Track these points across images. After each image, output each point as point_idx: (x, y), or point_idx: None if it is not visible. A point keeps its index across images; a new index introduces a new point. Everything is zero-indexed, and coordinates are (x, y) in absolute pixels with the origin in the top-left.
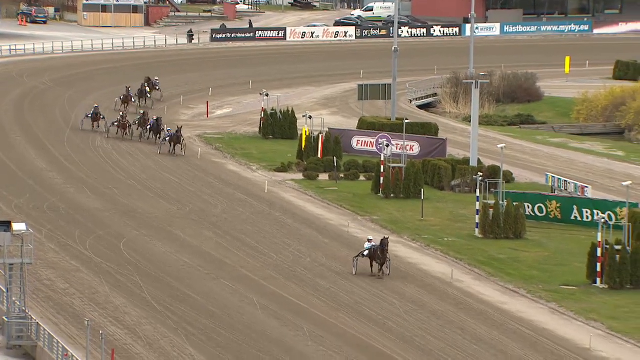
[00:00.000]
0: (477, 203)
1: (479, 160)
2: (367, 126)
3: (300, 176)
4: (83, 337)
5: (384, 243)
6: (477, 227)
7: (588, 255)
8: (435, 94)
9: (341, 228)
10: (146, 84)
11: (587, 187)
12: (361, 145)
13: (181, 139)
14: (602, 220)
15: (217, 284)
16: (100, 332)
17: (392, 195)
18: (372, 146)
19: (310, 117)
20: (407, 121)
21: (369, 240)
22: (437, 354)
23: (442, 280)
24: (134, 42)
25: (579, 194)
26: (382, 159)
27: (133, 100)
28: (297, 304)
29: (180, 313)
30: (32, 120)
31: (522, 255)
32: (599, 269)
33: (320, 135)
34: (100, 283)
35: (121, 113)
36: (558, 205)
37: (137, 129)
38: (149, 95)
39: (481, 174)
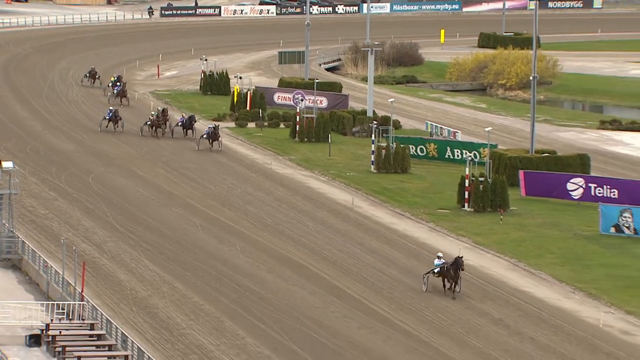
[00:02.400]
0: (373, 145)
1: (374, 112)
2: (285, 85)
3: (232, 124)
4: (59, 252)
5: (459, 263)
6: (373, 164)
7: (458, 185)
8: (339, 59)
9: (265, 165)
10: (94, 70)
11: (457, 132)
12: (281, 100)
13: (218, 136)
14: (469, 158)
15: (167, 210)
16: (74, 248)
17: (305, 140)
18: (290, 100)
19: (240, 78)
20: (317, 81)
21: (439, 257)
22: (340, 263)
23: (345, 206)
24: (98, 17)
25: (451, 137)
26: (298, 110)
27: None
28: (231, 226)
29: (137, 233)
30: (17, 80)
31: (407, 186)
32: (466, 196)
33: (249, 92)
34: (73, 209)
35: (153, 113)
36: (435, 146)
37: (151, 126)
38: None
39: (376, 122)
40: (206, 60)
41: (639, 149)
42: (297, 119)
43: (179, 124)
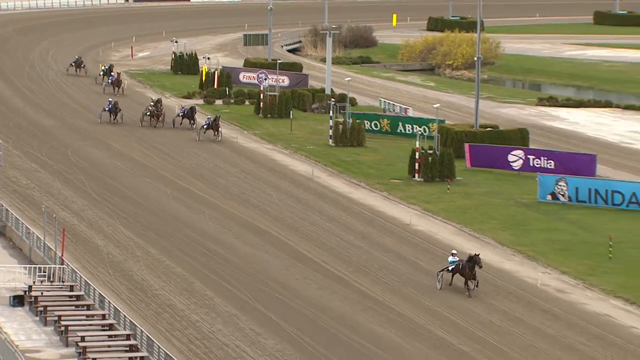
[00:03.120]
0: (330, 121)
1: (332, 90)
2: (250, 65)
3: (201, 101)
4: (41, 219)
5: (476, 260)
6: (331, 138)
7: (409, 157)
8: (300, 41)
9: (231, 139)
10: (80, 59)
11: (409, 108)
12: (246, 79)
13: (219, 127)
14: (419, 133)
15: (141, 181)
16: (54, 215)
17: (269, 116)
18: (254, 79)
19: (208, 58)
20: (279, 61)
21: (453, 255)
22: (301, 230)
23: (306, 177)
24: (76, 2)
25: (403, 113)
26: (262, 88)
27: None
28: (200, 195)
29: (113, 202)
30: (0, 60)
31: (362, 158)
32: (417, 167)
33: (216, 72)
34: (53, 180)
35: (152, 102)
36: (388, 122)
37: (147, 115)
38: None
39: (333, 99)
40: (176, 42)
41: (574, 123)
42: (261, 97)
43: (180, 114)
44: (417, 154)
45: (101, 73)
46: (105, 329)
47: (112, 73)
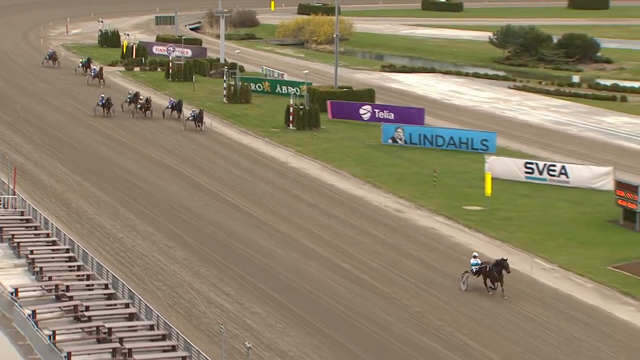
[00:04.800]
0: (224, 83)
1: (225, 59)
2: (161, 40)
3: (123, 68)
4: None
5: (504, 265)
6: (225, 97)
7: (285, 111)
8: (200, 22)
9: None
10: (54, 53)
11: (284, 74)
12: (158, 51)
13: (203, 119)
14: (293, 92)
15: (76, 130)
16: (7, 157)
17: (176, 79)
18: (164, 51)
19: (127, 35)
20: (184, 37)
21: (475, 257)
22: (201, 166)
23: (208, 128)
24: None
25: (280, 77)
26: (170, 59)
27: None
28: (123, 141)
29: (53, 145)
30: None
31: (250, 112)
32: (291, 119)
33: (134, 45)
34: (5, 129)
35: (146, 97)
36: (269, 84)
37: (129, 105)
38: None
39: (226, 67)
40: (102, 22)
41: (408, 85)
42: (170, 65)
43: (169, 106)
44: (291, 108)
45: (80, 65)
46: (49, 245)
47: (93, 67)
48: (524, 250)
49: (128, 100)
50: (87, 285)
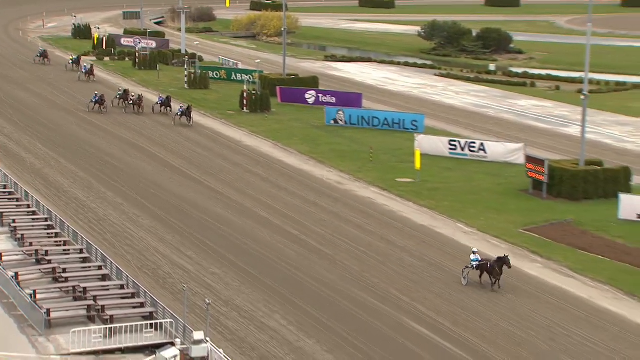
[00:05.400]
0: (185, 71)
1: (186, 50)
2: (128, 33)
3: (94, 58)
4: None
5: (505, 261)
6: (186, 84)
7: (240, 96)
8: (163, 16)
9: (116, 84)
10: (45, 51)
11: (239, 63)
12: (126, 42)
13: (190, 114)
14: (246, 79)
15: (53, 113)
16: None
17: (142, 68)
18: (132, 43)
19: (98, 28)
20: (149, 30)
21: (474, 253)
22: (167, 146)
23: (171, 113)
24: None
25: (235, 66)
26: (137, 49)
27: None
28: (96, 123)
29: (32, 127)
30: None
31: (208, 97)
32: (245, 103)
33: (104, 37)
34: None
35: (138, 94)
36: (225, 72)
37: (119, 102)
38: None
39: (187, 57)
40: (75, 16)
41: (347, 72)
42: (137, 55)
43: (158, 102)
44: (244, 94)
45: (70, 62)
46: (30, 215)
47: (84, 64)
48: (448, 217)
49: (118, 96)
50: (64, 250)
